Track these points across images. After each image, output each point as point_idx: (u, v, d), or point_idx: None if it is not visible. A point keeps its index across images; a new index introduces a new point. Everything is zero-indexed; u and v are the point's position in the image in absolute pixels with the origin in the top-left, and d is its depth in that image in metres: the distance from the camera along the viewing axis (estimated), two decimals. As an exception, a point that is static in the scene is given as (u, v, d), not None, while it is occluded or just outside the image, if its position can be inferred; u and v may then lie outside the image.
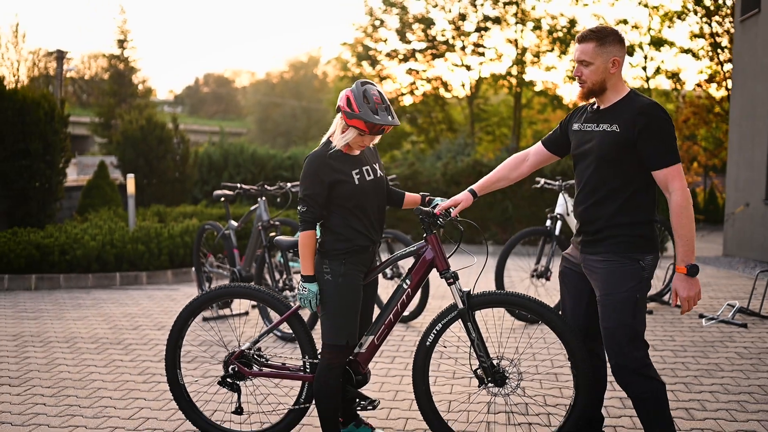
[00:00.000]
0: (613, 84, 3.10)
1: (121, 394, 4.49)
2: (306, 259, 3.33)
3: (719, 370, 4.95)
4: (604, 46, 3.06)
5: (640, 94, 3.12)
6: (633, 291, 3.09)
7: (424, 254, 3.45)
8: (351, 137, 3.29)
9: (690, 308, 3.07)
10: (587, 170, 3.18)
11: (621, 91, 3.13)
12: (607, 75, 3.08)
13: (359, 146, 3.35)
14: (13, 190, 10.61)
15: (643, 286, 3.13)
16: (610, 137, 3.07)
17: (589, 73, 3.08)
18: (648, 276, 3.14)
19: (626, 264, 3.10)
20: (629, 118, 3.03)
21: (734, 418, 4.04)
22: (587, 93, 3.13)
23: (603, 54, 3.07)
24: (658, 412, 3.11)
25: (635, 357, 3.07)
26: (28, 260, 8.28)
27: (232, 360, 3.63)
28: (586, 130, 3.19)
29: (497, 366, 3.40)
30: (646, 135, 2.99)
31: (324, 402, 3.38)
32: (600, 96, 3.14)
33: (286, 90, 68.01)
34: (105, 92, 48.82)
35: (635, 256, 3.09)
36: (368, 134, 3.26)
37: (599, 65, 3.07)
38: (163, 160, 12.92)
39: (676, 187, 2.99)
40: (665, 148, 2.99)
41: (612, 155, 3.08)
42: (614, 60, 3.07)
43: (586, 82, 3.10)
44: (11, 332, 6.13)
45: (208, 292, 3.68)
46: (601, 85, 3.09)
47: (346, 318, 3.34)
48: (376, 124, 3.22)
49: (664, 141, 2.99)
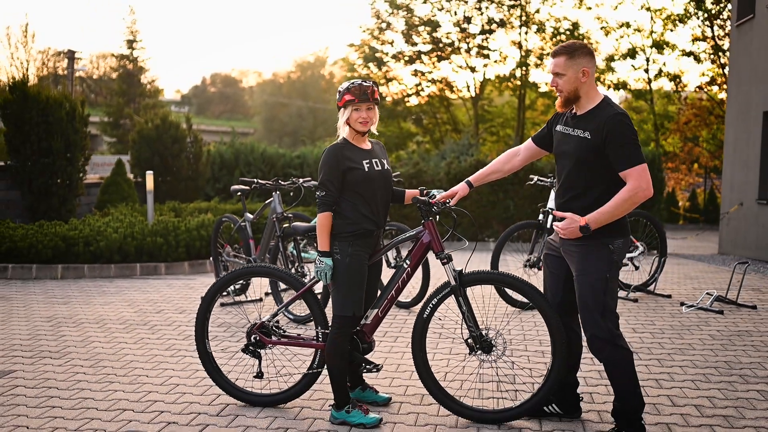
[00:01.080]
0: (586, 92, 3.62)
1: (152, 365, 5.02)
2: (323, 237, 3.85)
3: (691, 349, 5.46)
4: (574, 59, 3.58)
5: (612, 103, 3.62)
6: (603, 271, 3.60)
7: (422, 238, 3.97)
8: (348, 114, 3.83)
9: (560, 232, 3.59)
10: (566, 169, 3.69)
11: (594, 98, 3.63)
12: (579, 84, 3.59)
13: (360, 124, 3.85)
14: (36, 186, 11.16)
15: (613, 267, 3.63)
16: (584, 142, 3.58)
17: (564, 83, 3.60)
18: (617, 258, 3.64)
19: (598, 248, 3.60)
20: (598, 126, 3.54)
21: (698, 387, 4.54)
22: (565, 101, 3.65)
23: (574, 66, 3.58)
24: (627, 376, 3.62)
25: (608, 328, 3.58)
26: (54, 251, 8.83)
27: (254, 330, 4.15)
28: (565, 133, 3.70)
29: (485, 335, 3.91)
30: (611, 142, 3.50)
31: (334, 365, 3.89)
32: (576, 103, 3.65)
33: (293, 90, 68.60)
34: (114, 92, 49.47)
35: (605, 240, 3.60)
36: (358, 101, 3.80)
37: (571, 76, 3.58)
38: (178, 158, 13.47)
39: (630, 184, 3.49)
40: (627, 153, 3.49)
41: (586, 157, 3.59)
42: (584, 70, 3.58)
43: (563, 91, 3.62)
44: (45, 315, 6.68)
45: (234, 271, 4.20)
46: (575, 93, 3.61)
47: (352, 292, 3.85)
48: (358, 86, 3.80)
49: (625, 146, 3.49)
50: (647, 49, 26.28)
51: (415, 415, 4.04)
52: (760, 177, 12.83)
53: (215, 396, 4.37)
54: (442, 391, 3.96)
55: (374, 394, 4.22)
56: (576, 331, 3.92)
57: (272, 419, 3.99)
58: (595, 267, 3.60)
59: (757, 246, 12.47)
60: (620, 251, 3.65)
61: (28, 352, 5.38)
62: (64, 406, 4.19)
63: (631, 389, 3.62)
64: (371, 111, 3.89)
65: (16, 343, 5.62)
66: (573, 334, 3.90)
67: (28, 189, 11.24)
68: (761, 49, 13.00)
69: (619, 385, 3.63)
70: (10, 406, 4.18)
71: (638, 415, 3.63)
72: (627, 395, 3.62)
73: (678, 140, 27.77)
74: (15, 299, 7.44)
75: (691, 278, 9.15)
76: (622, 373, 3.61)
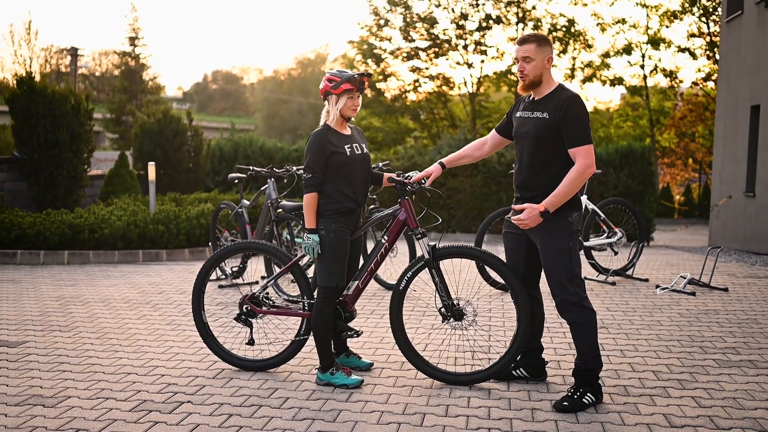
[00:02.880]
0: (546, 78, 4.00)
1: (155, 337, 5.41)
2: (309, 215, 4.22)
3: (658, 325, 5.83)
4: (542, 46, 3.96)
5: (566, 88, 4.00)
6: (566, 241, 3.97)
7: (398, 215, 4.34)
8: (344, 102, 4.20)
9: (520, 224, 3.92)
10: (525, 148, 4.06)
11: (551, 84, 4.01)
12: (543, 70, 3.97)
13: (352, 111, 4.23)
14: (42, 177, 11.55)
15: (574, 237, 4.00)
16: (542, 122, 3.95)
17: (531, 68, 3.97)
18: (576, 229, 4.01)
19: (558, 222, 3.98)
20: (555, 107, 3.91)
21: (658, 357, 4.92)
22: (528, 85, 4.02)
23: (541, 52, 3.96)
24: (590, 336, 3.98)
25: (575, 292, 3.95)
26: (61, 238, 9.22)
27: (246, 301, 4.53)
28: (524, 117, 4.07)
29: (456, 305, 4.29)
30: (564, 120, 3.87)
31: (319, 331, 4.27)
32: (536, 89, 4.02)
33: (294, 87, 69.01)
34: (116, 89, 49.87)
35: (564, 213, 3.97)
36: (355, 91, 4.17)
37: (538, 62, 3.96)
38: (178, 151, 13.86)
39: (579, 163, 3.86)
40: (577, 133, 3.87)
41: (544, 136, 3.96)
42: (549, 57, 3.97)
43: (528, 75, 3.98)
44: (53, 295, 7.06)
45: (228, 246, 4.59)
46: (539, 78, 3.98)
47: (336, 265, 4.23)
48: (356, 77, 4.16)
49: (576, 127, 3.87)
50: (643, 46, 26.64)
51: (394, 378, 4.42)
52: (748, 170, 13.19)
53: (212, 362, 4.75)
54: (418, 356, 4.34)
55: (357, 360, 4.59)
56: (538, 300, 4.29)
57: (263, 381, 4.37)
58: (558, 239, 3.97)
59: (745, 238, 12.82)
60: (577, 223, 4.03)
61: (39, 326, 5.77)
62: (74, 371, 4.57)
63: (591, 349, 3.99)
64: (359, 99, 4.28)
65: (27, 318, 6.00)
66: (536, 303, 4.27)
67: (35, 180, 11.63)
68: (748, 45, 13.36)
69: (582, 345, 4.00)
70: (24, 371, 4.57)
71: (596, 374, 4.00)
72: (587, 355, 3.98)
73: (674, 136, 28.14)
74: (25, 282, 7.83)
75: (672, 265, 9.52)
76: (586, 334, 3.98)
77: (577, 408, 3.85)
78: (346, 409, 3.89)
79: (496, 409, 3.89)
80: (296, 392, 4.18)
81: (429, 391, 4.18)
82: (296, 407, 3.93)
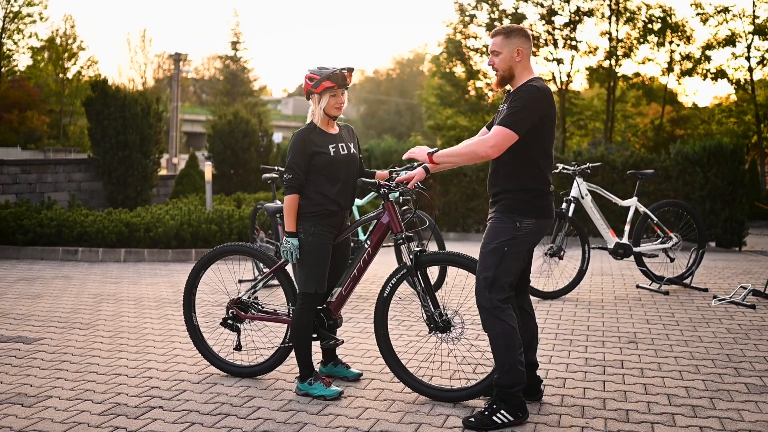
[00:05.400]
0: (520, 72, 3.67)
1: (162, 338, 5.42)
2: (289, 218, 4.06)
3: (697, 341, 5.29)
4: (510, 38, 3.65)
5: (534, 81, 3.65)
6: (502, 244, 3.64)
7: (381, 219, 4.11)
8: (326, 101, 4.01)
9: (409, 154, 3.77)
10: None
11: (524, 78, 3.68)
12: (513, 63, 3.66)
13: (336, 109, 4.05)
14: (115, 177, 12.02)
15: (515, 242, 3.65)
16: (501, 114, 3.64)
17: (499, 62, 3.67)
18: (523, 234, 3.65)
19: (504, 222, 3.67)
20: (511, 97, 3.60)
21: (682, 378, 4.43)
22: (500, 80, 3.72)
23: (509, 45, 3.65)
24: (505, 350, 3.63)
25: (490, 299, 3.63)
26: (118, 236, 9.52)
27: (231, 305, 4.43)
28: (500, 110, 3.76)
29: (443, 315, 4.00)
30: (507, 105, 3.59)
31: (298, 338, 4.10)
32: (511, 82, 3.70)
33: (392, 87, 69.36)
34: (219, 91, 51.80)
35: (515, 217, 3.65)
36: (337, 88, 3.97)
37: (506, 55, 3.65)
38: (248, 151, 14.10)
39: (488, 138, 3.57)
40: (510, 114, 3.55)
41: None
42: (519, 50, 3.65)
43: (498, 69, 3.69)
44: (93, 292, 7.26)
45: (215, 249, 4.50)
46: (509, 72, 3.67)
47: (314, 270, 4.04)
48: (336, 73, 3.96)
49: (513, 109, 3.55)
50: (748, 36, 24.85)
51: (379, 391, 4.19)
52: None
53: (204, 366, 4.68)
54: (403, 367, 4.09)
55: (345, 370, 4.39)
56: (528, 311, 3.95)
57: (244, 388, 4.25)
58: (494, 238, 3.67)
59: None
60: (528, 230, 3.66)
61: (63, 323, 5.91)
62: (71, 370, 4.62)
63: (507, 364, 3.63)
64: (344, 96, 4.08)
65: (56, 316, 6.18)
66: (525, 314, 3.93)
67: (108, 180, 12.12)
68: None
69: (497, 358, 3.67)
70: (25, 368, 4.66)
71: (512, 391, 3.64)
72: (502, 369, 3.64)
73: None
74: (75, 278, 8.12)
75: (751, 274, 8.72)
76: (500, 347, 3.64)
77: (484, 426, 3.54)
78: (311, 423, 3.71)
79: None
80: (270, 401, 4.03)
81: (408, 407, 3.93)
82: (263, 418, 3.78)
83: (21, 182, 11.57)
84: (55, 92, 49.18)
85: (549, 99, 3.61)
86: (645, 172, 7.18)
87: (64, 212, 10.06)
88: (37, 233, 9.64)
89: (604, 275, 8.20)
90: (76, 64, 51.54)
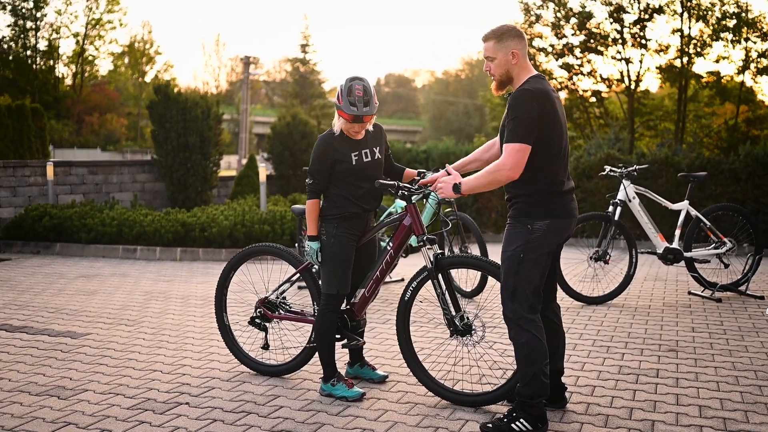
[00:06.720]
0: (518, 73, 3.60)
1: (202, 336, 5.57)
2: (311, 222, 4.12)
3: (743, 352, 5.07)
4: (503, 42, 3.57)
5: (531, 81, 3.54)
6: (518, 250, 3.57)
7: (404, 221, 4.11)
8: (341, 125, 4.04)
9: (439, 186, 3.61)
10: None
11: (522, 80, 3.60)
12: (510, 66, 3.59)
13: (351, 132, 4.08)
14: (176, 178, 12.40)
15: (529, 247, 3.56)
16: (505, 123, 3.57)
17: (495, 67, 3.61)
18: (536, 237, 3.56)
19: (518, 227, 3.61)
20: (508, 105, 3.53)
21: (718, 389, 4.26)
22: (498, 84, 3.66)
23: (503, 49, 3.58)
24: (529, 361, 3.56)
25: (514, 308, 3.57)
26: (175, 235, 9.83)
27: (259, 305, 4.51)
28: (503, 119, 3.68)
29: (464, 318, 3.97)
30: (507, 116, 3.51)
31: (321, 338, 4.15)
32: (511, 86, 3.63)
33: (460, 88, 69.07)
34: (289, 94, 52.73)
35: (526, 221, 3.59)
36: (351, 122, 3.98)
37: (501, 59, 3.59)
38: (306, 153, 14.30)
39: (500, 160, 3.47)
40: (511, 128, 3.46)
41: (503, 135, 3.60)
42: (513, 52, 3.57)
43: (495, 75, 3.63)
44: (144, 290, 7.52)
45: (241, 251, 4.60)
46: (507, 75, 3.61)
47: (337, 271, 4.08)
48: (354, 113, 3.93)
49: (512, 122, 3.46)
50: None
51: (402, 394, 4.19)
52: None
53: (235, 365, 4.79)
54: (424, 371, 4.08)
55: (371, 372, 4.41)
56: (552, 319, 3.88)
57: (270, 387, 4.33)
58: (509, 245, 3.61)
59: None
60: (542, 232, 3.58)
61: (110, 319, 6.15)
62: (110, 365, 4.81)
63: (530, 374, 3.56)
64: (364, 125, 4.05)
65: (105, 312, 6.43)
66: (549, 322, 3.86)
67: (170, 180, 12.51)
68: None
69: (521, 368, 3.61)
70: (68, 362, 4.87)
71: (534, 401, 3.57)
72: (526, 379, 3.58)
73: None
74: (131, 276, 8.42)
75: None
76: (524, 357, 3.59)
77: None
78: (329, 423, 3.75)
79: (485, 436, 3.56)
80: (293, 401, 4.09)
81: (428, 411, 3.92)
82: (282, 417, 3.85)
83: (88, 183, 12.08)
84: (133, 95, 51.19)
85: (543, 97, 3.48)
86: (697, 174, 6.92)
87: (125, 212, 10.45)
88: (99, 232, 10.05)
89: (657, 281, 7.95)
90: (153, 69, 53.40)
